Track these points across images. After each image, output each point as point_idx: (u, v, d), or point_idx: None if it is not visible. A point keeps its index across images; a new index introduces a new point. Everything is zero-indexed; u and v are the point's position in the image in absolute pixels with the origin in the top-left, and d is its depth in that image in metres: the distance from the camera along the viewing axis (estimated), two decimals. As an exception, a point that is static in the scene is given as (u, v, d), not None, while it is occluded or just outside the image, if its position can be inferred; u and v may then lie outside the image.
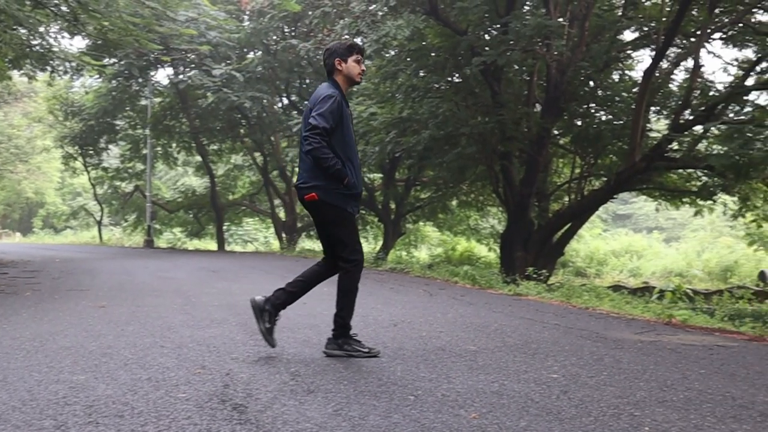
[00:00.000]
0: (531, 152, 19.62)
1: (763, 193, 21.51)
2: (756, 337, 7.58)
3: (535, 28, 15.97)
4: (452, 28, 18.29)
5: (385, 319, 7.55)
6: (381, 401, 4.01)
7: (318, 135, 5.22)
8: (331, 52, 5.64)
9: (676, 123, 19.10)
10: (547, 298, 11.12)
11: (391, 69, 19.89)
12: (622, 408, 3.98)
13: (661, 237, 54.11)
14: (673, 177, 21.97)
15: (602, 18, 20.42)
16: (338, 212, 5.42)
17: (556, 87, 19.16)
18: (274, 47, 25.24)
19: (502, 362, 5.28)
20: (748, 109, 19.23)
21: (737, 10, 19.09)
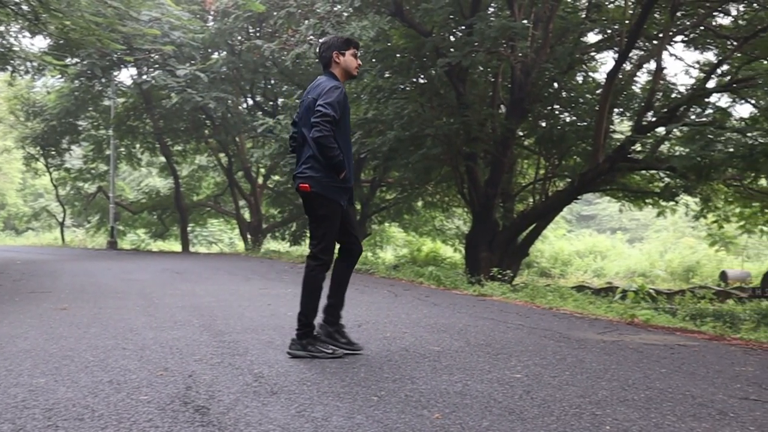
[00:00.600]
0: (496, 153, 19.69)
1: (724, 194, 21.79)
2: (716, 336, 7.65)
3: (499, 30, 16.03)
4: (417, 29, 18.32)
5: (350, 319, 7.52)
6: (344, 402, 4.00)
7: (329, 123, 5.27)
8: (328, 45, 5.69)
9: (639, 124, 19.29)
10: (511, 298, 11.16)
11: (356, 70, 19.86)
12: (584, 407, 4.00)
13: (625, 237, 54.62)
14: (636, 178, 22.17)
15: (566, 20, 20.56)
16: (329, 205, 5.47)
17: (520, 88, 19.26)
18: (239, 48, 25.14)
19: (465, 362, 5.28)
20: (710, 111, 19.46)
21: (698, 13, 19.31)
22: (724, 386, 4.74)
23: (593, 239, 49.76)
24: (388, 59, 19.59)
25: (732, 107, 20.38)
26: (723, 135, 16.31)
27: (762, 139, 16.03)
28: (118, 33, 18.34)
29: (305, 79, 26.28)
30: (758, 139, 16.09)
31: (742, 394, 4.54)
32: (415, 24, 18.30)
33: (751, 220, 22.66)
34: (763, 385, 4.87)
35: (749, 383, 4.89)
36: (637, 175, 21.85)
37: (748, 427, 3.72)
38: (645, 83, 21.99)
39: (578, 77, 22.90)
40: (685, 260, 40.52)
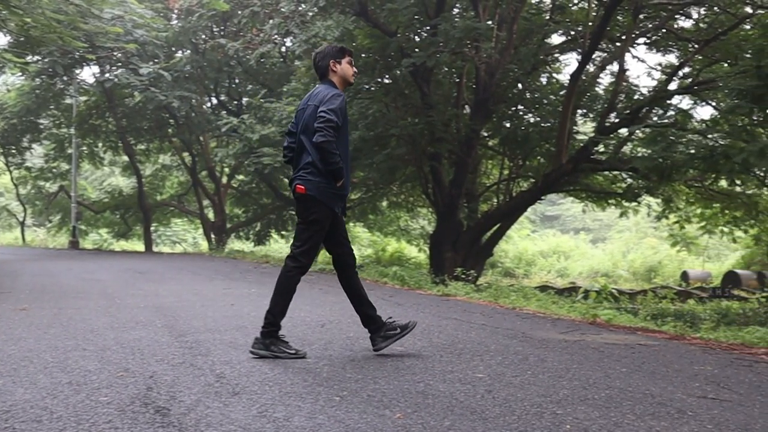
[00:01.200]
0: (460, 153, 19.74)
1: (686, 195, 22.01)
2: (676, 335, 7.73)
3: (464, 31, 16.08)
4: (382, 29, 18.31)
5: (314, 320, 7.53)
6: (306, 402, 3.99)
7: (332, 129, 5.31)
8: (324, 55, 5.73)
9: (602, 125, 19.45)
10: (475, 298, 11.20)
11: (321, 70, 19.81)
12: (545, 406, 4.02)
13: (588, 238, 55.03)
14: (599, 179, 22.33)
15: (530, 21, 20.67)
16: (322, 210, 5.50)
17: (484, 89, 19.33)
18: (203, 46, 25.03)
19: (428, 362, 5.29)
20: (671, 113, 19.63)
21: (660, 16, 19.50)
22: (683, 385, 4.79)
23: (557, 239, 50.10)
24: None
25: (693, 109, 20.57)
26: (684, 136, 16.47)
27: (722, 140, 16.21)
28: (80, 31, 18.17)
29: (270, 79, 26.22)
30: (719, 140, 16.27)
31: (700, 392, 4.59)
32: (380, 24, 18.30)
33: (712, 220, 22.90)
34: (721, 383, 4.93)
35: (708, 382, 4.95)
36: (600, 175, 22.01)
37: (706, 425, 3.75)
38: (608, 85, 22.18)
39: (542, 78, 23.03)
40: (647, 260, 40.92)
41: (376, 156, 19.47)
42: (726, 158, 14.57)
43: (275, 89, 24.60)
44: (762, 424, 3.84)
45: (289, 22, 17.45)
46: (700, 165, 15.91)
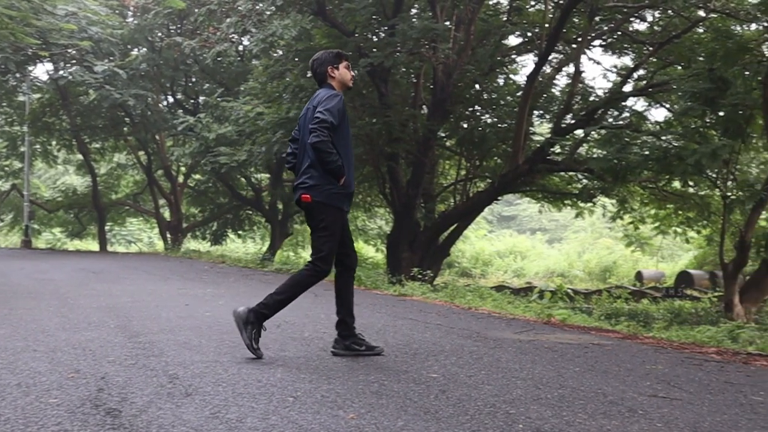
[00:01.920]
0: (417, 154, 19.78)
1: (640, 196, 22.25)
2: (629, 335, 7.81)
3: (421, 31, 16.11)
4: (340, 29, 18.29)
5: (269, 320, 7.46)
6: (259, 403, 3.96)
7: (326, 128, 5.31)
8: (321, 62, 5.76)
9: (558, 127, 19.60)
10: (431, 298, 11.23)
11: (279, 69, 19.76)
12: (498, 406, 4.03)
13: (544, 238, 55.44)
14: (555, 179, 22.49)
15: (488, 23, 20.78)
16: (332, 213, 5.49)
17: (442, 89, 19.38)
18: (159, 44, 24.81)
19: (383, 362, 5.29)
20: (626, 115, 19.87)
21: (616, 18, 19.68)
22: (635, 384, 4.85)
23: (513, 240, 50.42)
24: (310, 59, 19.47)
25: (647, 111, 20.89)
26: (639, 138, 16.69)
27: (676, 142, 16.43)
28: (32, 27, 17.92)
29: (227, 78, 26.08)
30: (672, 142, 16.49)
31: (651, 391, 4.64)
32: (338, 24, 18.27)
33: (666, 221, 23.17)
34: (672, 382, 4.99)
35: (658, 381, 5.01)
36: (556, 176, 22.17)
37: (656, 423, 3.80)
38: (564, 86, 22.36)
39: (499, 79, 23.15)
40: (602, 260, 41.32)
41: (332, 156, 19.41)
42: (679, 160, 14.77)
43: (232, 88, 24.48)
44: (710, 422, 3.89)
45: (246, 21, 17.36)
46: (653, 166, 16.12)
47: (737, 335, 8.62)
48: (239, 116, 19.83)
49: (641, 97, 20.42)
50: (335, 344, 5.66)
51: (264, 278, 13.85)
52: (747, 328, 9.70)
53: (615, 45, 21.53)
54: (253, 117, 19.23)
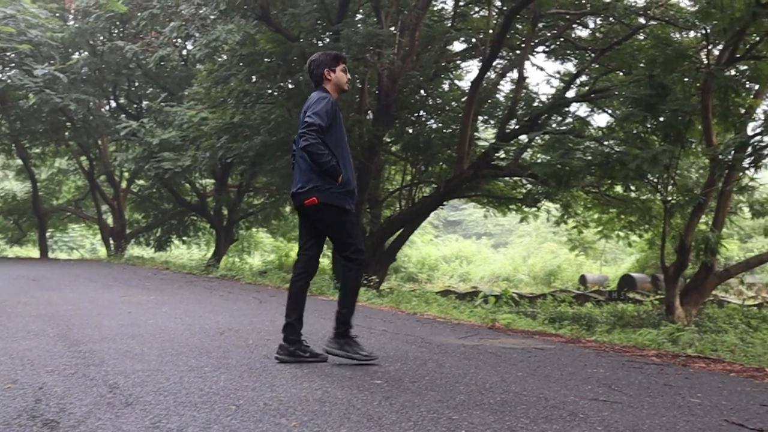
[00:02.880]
0: (363, 159, 19.78)
1: (583, 200, 22.52)
2: (572, 339, 7.90)
3: (366, 37, 16.15)
4: (284, 34, 18.22)
5: (212, 327, 7.42)
6: (201, 412, 3.92)
7: (314, 131, 5.38)
8: (318, 63, 5.81)
9: (503, 132, 19.75)
10: (376, 304, 11.24)
11: (223, 74, 19.65)
12: (441, 412, 4.04)
13: (490, 243, 55.69)
14: (500, 184, 22.67)
15: (432, 28, 20.87)
16: (338, 212, 5.57)
17: (387, 95, 19.42)
18: (101, 48, 24.50)
19: (326, 369, 5.27)
20: (569, 120, 20.09)
21: (558, 25, 19.92)
22: (576, 388, 4.89)
23: (459, 244, 50.60)
24: (255, 63, 19.41)
25: (590, 117, 21.13)
26: (581, 143, 16.87)
27: (618, 147, 16.66)
28: (-31, 30, 17.59)
29: (171, 82, 25.84)
30: (614, 147, 16.72)
31: (592, 395, 4.69)
32: (282, 29, 18.21)
33: (609, 225, 23.48)
34: (613, 386, 5.05)
35: (600, 384, 5.07)
36: (500, 181, 22.35)
37: (596, 427, 3.83)
38: (508, 92, 22.55)
39: (444, 85, 23.28)
40: (546, 265, 41.63)
41: (278, 161, 19.36)
42: (621, 165, 14.97)
43: (176, 93, 24.28)
44: (649, 425, 3.94)
45: (189, 26, 17.24)
46: (596, 171, 16.32)
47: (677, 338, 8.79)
48: (183, 121, 19.67)
49: (584, 103, 20.68)
50: (279, 351, 5.64)
51: (208, 284, 13.75)
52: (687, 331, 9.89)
53: (558, 51, 21.79)
54: (197, 122, 19.10)
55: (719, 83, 14.72)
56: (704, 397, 4.85)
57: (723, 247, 18.54)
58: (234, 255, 37.19)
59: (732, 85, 15.43)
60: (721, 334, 13.83)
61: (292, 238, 36.48)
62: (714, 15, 14.54)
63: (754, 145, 15.64)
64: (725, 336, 12.99)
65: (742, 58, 15.34)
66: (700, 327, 15.94)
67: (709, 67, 14.78)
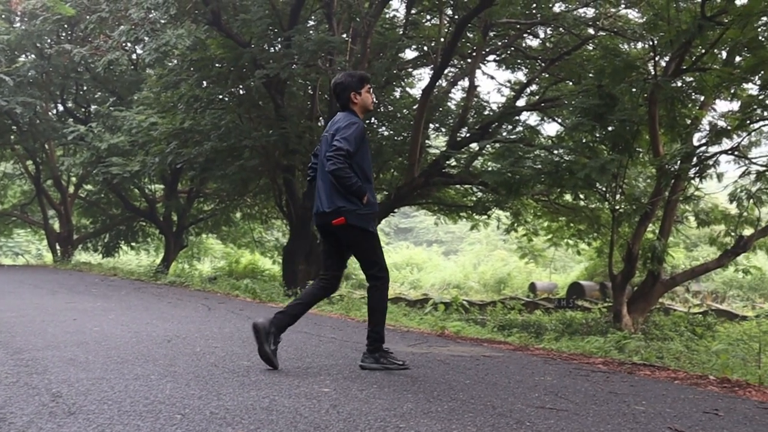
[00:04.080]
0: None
1: (533, 208, 22.70)
2: (521, 346, 7.94)
3: (317, 43, 16.14)
4: (235, 39, 18.13)
5: (160, 334, 7.34)
6: (146, 421, 3.86)
7: (342, 156, 5.54)
8: (344, 87, 5.91)
9: (453, 140, 19.85)
10: (326, 311, 11.22)
11: (173, 78, 19.50)
12: (388, 420, 4.03)
13: (441, 250, 55.89)
14: (450, 192, 22.76)
15: (384, 36, 20.90)
16: (363, 234, 5.76)
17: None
18: (49, 51, 24.15)
19: (274, 377, 5.24)
20: (520, 129, 20.25)
21: (509, 34, 20.07)
22: (523, 396, 4.92)
23: (410, 251, 50.70)
24: (206, 69, 19.29)
25: (540, 125, 21.33)
26: (531, 152, 17.00)
27: (567, 156, 16.81)
28: None
29: (120, 86, 25.58)
30: (563, 156, 16.87)
31: (539, 402, 4.72)
32: (233, 34, 18.12)
33: (558, 233, 23.68)
34: (559, 393, 5.08)
35: (546, 392, 5.10)
36: (451, 189, 22.44)
37: (543, 435, 3.86)
38: (459, 100, 22.66)
39: (396, 92, 23.33)
40: (497, 272, 41.81)
41: (229, 167, 19.24)
42: (570, 173, 15.10)
43: (126, 97, 24.01)
44: (595, 433, 3.98)
45: (138, 30, 17.04)
46: (546, 180, 16.44)
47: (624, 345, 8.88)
48: (132, 126, 19.46)
49: (534, 112, 20.87)
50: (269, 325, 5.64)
51: (157, 291, 13.61)
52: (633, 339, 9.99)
53: (509, 60, 21.96)
54: (147, 127, 18.92)
55: (666, 94, 14.93)
56: (649, 404, 4.91)
57: (669, 255, 18.80)
58: (183, 261, 36.85)
59: (678, 96, 15.67)
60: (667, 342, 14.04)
61: (243, 245, 36.30)
62: (661, 27, 14.75)
63: (700, 156, 15.89)
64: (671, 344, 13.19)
65: (688, 69, 15.57)
66: (647, 335, 16.14)
67: (656, 78, 14.97)
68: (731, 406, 5.07)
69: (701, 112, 16.95)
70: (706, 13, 13.61)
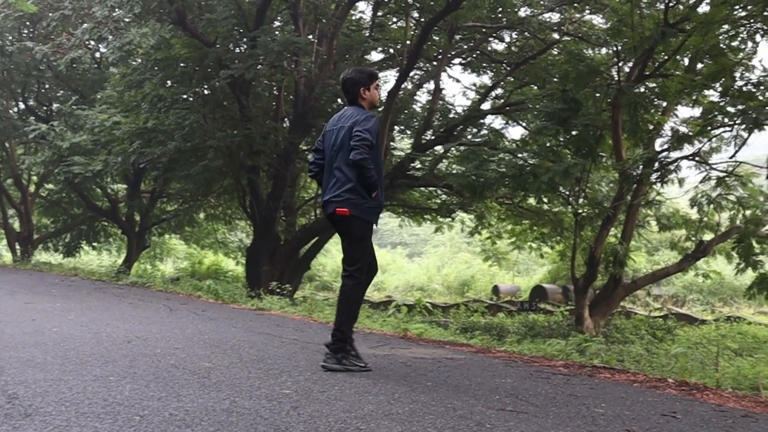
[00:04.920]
0: (278, 167, 19.70)
1: (497, 211, 22.81)
2: (482, 349, 7.96)
3: (283, 44, 16.09)
4: (200, 39, 18.03)
5: (120, 335, 7.26)
6: (104, 423, 3.82)
7: (367, 146, 5.68)
8: (354, 82, 6.08)
9: (419, 143, 19.89)
10: (289, 312, 11.18)
11: (137, 78, 19.36)
12: (349, 422, 4.02)
13: (405, 252, 56.04)
14: (415, 194, 22.81)
15: (350, 38, 20.91)
16: (365, 227, 5.90)
17: (304, 103, 19.38)
18: (10, 48, 23.86)
19: (235, 379, 5.20)
20: (484, 132, 20.33)
21: (475, 38, 20.15)
22: (484, 398, 4.93)
23: (374, 253, 50.70)
24: (170, 68, 19.15)
25: (505, 129, 21.43)
26: (496, 155, 17.08)
27: (531, 160, 16.91)
28: None
29: (83, 85, 25.33)
30: (528, 160, 16.96)
31: (499, 405, 4.73)
32: (198, 34, 18.01)
33: (522, 236, 23.82)
34: (520, 396, 5.10)
35: (507, 395, 5.12)
36: (416, 191, 22.49)
37: (503, 437, 3.87)
38: (425, 103, 22.71)
39: (361, 94, 23.29)
40: (460, 274, 41.98)
41: (192, 167, 19.10)
42: (534, 177, 15.19)
43: (88, 96, 23.79)
44: (554, 435, 4.00)
45: (102, 28, 16.88)
46: (510, 183, 16.55)
47: (585, 348, 8.94)
48: (95, 125, 19.28)
49: (499, 116, 20.96)
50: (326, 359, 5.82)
51: (118, 292, 13.48)
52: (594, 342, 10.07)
53: (474, 64, 22.05)
54: (110, 126, 18.75)
55: (629, 99, 15.06)
56: (608, 407, 4.95)
57: (631, 259, 18.96)
58: (146, 262, 36.60)
59: (641, 102, 15.81)
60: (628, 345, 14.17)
61: (206, 245, 36.11)
62: (625, 33, 14.88)
63: (661, 161, 16.06)
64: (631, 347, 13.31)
65: (651, 75, 15.72)
66: (608, 338, 16.29)
67: (620, 84, 15.11)
68: (689, 408, 5.12)
69: (663, 118, 17.12)
70: (669, 20, 13.77)
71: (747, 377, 7.88)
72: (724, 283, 32.19)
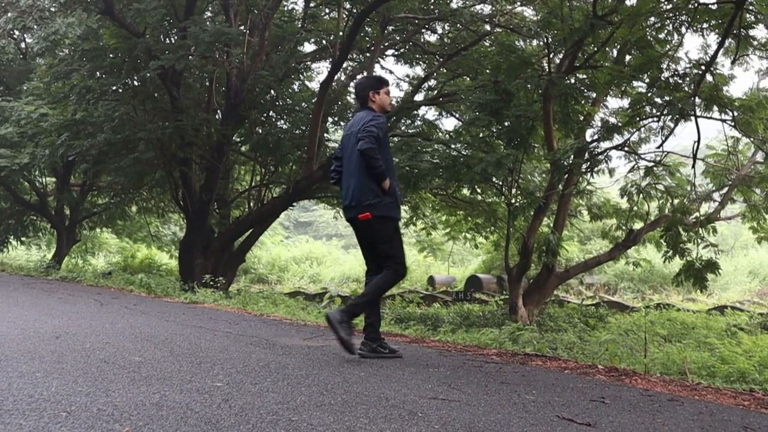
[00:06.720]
0: (211, 159, 19.51)
1: (432, 202, 22.89)
2: (417, 339, 8.00)
3: (214, 35, 15.91)
4: (129, 29, 17.73)
5: (48, 331, 7.12)
6: (29, 420, 3.74)
7: (373, 137, 6.00)
8: (363, 86, 6.56)
9: (352, 134, 19.80)
10: (223, 305, 11.11)
11: (64, 69, 18.98)
12: (281, 413, 4.00)
13: (340, 244, 55.94)
14: (349, 186, 22.72)
15: (282, 29, 20.78)
16: (390, 225, 6.20)
17: (236, 94, 19.22)
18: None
19: (166, 372, 5.14)
20: (418, 123, 20.39)
21: (408, 29, 20.18)
22: (417, 387, 4.94)
23: (310, 245, 50.58)
24: (99, 59, 18.82)
25: (438, 120, 21.52)
26: (430, 146, 17.14)
27: (464, 151, 17.01)
28: None
29: (8, 76, 24.79)
30: (461, 151, 17.06)
31: (432, 394, 4.75)
32: (127, 24, 17.71)
33: (456, 227, 23.96)
34: (452, 384, 5.13)
35: (440, 383, 5.14)
36: (350, 182, 22.41)
37: (434, 425, 3.87)
38: (358, 94, 22.66)
39: (294, 86, 23.21)
40: (396, 266, 42.01)
41: (123, 160, 18.80)
42: (467, 168, 15.26)
43: (14, 87, 23.30)
44: (485, 422, 4.02)
45: (26, 17, 16.52)
46: (444, 174, 16.61)
47: (518, 337, 9.03)
48: (21, 117, 18.89)
49: (432, 107, 21.02)
50: (362, 347, 6.29)
51: (47, 287, 13.24)
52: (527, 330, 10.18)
53: (407, 55, 22.09)
54: (37, 118, 18.40)
55: (560, 90, 15.21)
56: (539, 393, 5.00)
57: (563, 248, 19.19)
58: (77, 256, 35.99)
59: (571, 93, 15.97)
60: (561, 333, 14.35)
61: (139, 239, 35.66)
62: (555, 25, 15.01)
63: (591, 151, 16.28)
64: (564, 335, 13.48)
65: (580, 67, 15.89)
66: (541, 326, 16.47)
67: (551, 75, 15.24)
68: (617, 393, 5.21)
69: (593, 109, 17.34)
70: (597, 12, 13.92)
71: (675, 362, 8.04)
72: (654, 270, 32.75)
